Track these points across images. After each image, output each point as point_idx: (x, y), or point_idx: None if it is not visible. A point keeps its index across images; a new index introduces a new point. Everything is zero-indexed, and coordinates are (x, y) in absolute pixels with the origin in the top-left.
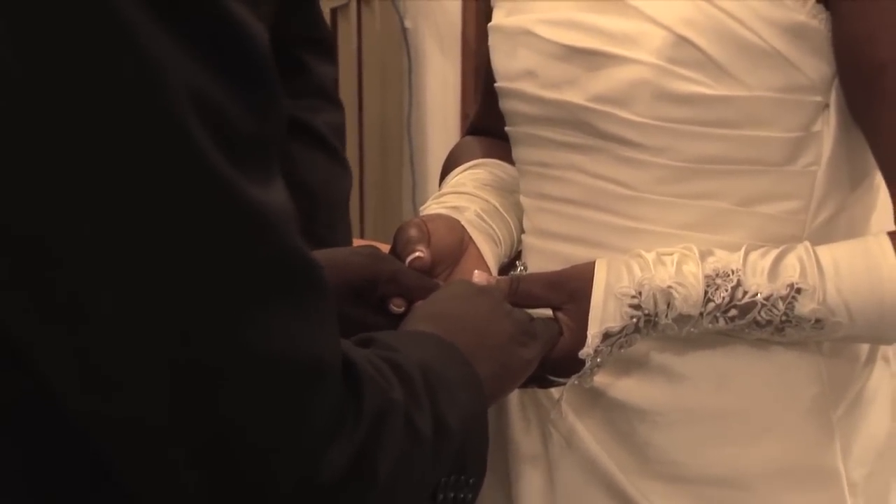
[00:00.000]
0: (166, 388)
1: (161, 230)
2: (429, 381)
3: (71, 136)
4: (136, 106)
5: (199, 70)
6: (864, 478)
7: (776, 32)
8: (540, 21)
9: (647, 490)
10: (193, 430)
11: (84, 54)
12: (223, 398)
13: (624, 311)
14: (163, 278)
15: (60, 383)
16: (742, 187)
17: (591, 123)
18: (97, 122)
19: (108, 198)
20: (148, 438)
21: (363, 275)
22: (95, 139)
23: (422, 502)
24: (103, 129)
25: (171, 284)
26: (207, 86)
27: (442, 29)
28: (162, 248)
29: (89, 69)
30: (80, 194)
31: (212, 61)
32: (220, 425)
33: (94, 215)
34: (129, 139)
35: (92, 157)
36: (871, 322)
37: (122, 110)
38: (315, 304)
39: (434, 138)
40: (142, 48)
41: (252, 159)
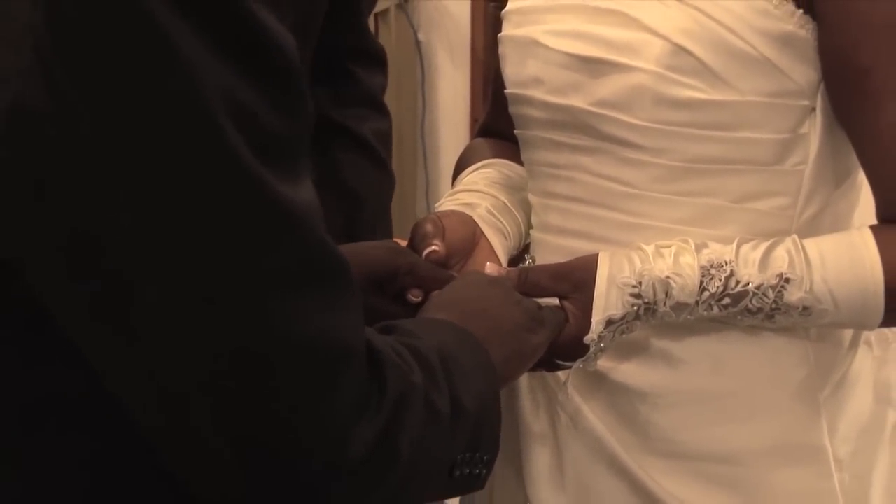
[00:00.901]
0: (207, 372)
1: (195, 224)
2: (446, 365)
3: (114, 138)
4: (173, 107)
5: (232, 75)
6: (848, 454)
7: (766, 41)
8: (547, 32)
9: (649, 466)
10: (232, 410)
11: (127, 63)
12: (259, 381)
13: (625, 300)
14: (199, 271)
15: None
16: (735, 185)
17: (594, 126)
18: (138, 124)
19: (149, 194)
20: (189, 419)
21: (383, 267)
22: (137, 140)
23: (440, 477)
24: (144, 130)
25: (208, 275)
26: (239, 89)
27: (452, 41)
28: (196, 242)
29: (132, 76)
30: (126, 191)
31: (243, 66)
32: (256, 405)
33: (136, 210)
34: (167, 138)
35: (134, 158)
36: (854, 309)
37: (160, 112)
38: (341, 295)
39: (446, 141)
40: (179, 55)
41: (281, 158)
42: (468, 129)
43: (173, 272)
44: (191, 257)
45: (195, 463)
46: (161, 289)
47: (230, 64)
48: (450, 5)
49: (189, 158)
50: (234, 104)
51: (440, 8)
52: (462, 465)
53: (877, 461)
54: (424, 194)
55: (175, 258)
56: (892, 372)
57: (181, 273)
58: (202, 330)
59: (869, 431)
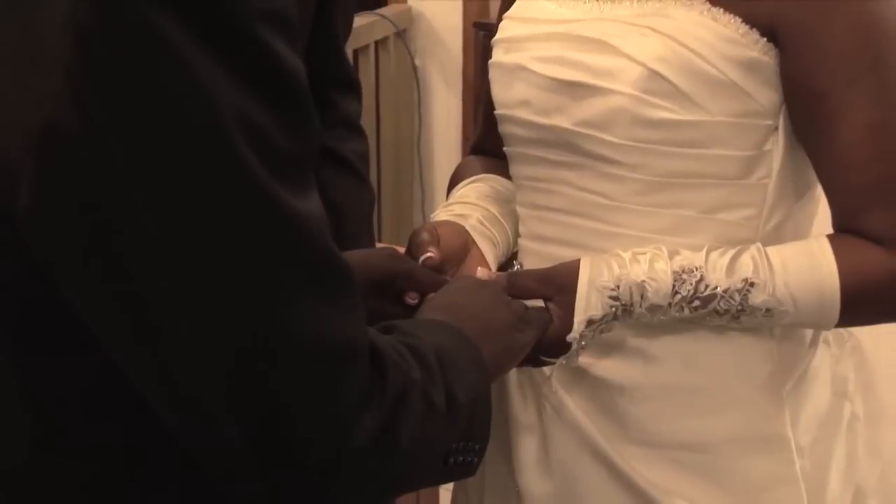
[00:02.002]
0: (223, 368)
1: (212, 233)
2: (441, 362)
3: (139, 156)
4: (192, 128)
5: (246, 97)
6: (809, 443)
7: (733, 67)
8: (533, 58)
9: (627, 454)
10: (246, 403)
11: (150, 88)
12: (271, 377)
13: (604, 302)
14: (215, 276)
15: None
16: (705, 198)
17: (577, 144)
18: (161, 143)
19: (170, 206)
20: (205, 411)
21: (383, 272)
22: (159, 158)
23: (435, 465)
24: (165, 148)
25: (224, 280)
26: (253, 111)
27: (446, 67)
28: (213, 249)
29: (155, 100)
30: (149, 203)
31: (257, 90)
32: (268, 398)
33: (158, 220)
34: (186, 156)
35: (156, 173)
36: (813, 311)
37: (180, 132)
38: (346, 297)
39: (440, 157)
40: (199, 80)
41: (290, 173)
42: (460, 147)
43: (192, 275)
44: (208, 263)
45: (210, 450)
46: (180, 291)
47: (245, 88)
48: (443, 34)
49: (206, 173)
50: (248, 124)
51: (435, 37)
52: (456, 454)
53: (834, 449)
54: (420, 206)
55: (193, 263)
56: (847, 368)
57: (199, 276)
58: (219, 329)
59: (827, 422)
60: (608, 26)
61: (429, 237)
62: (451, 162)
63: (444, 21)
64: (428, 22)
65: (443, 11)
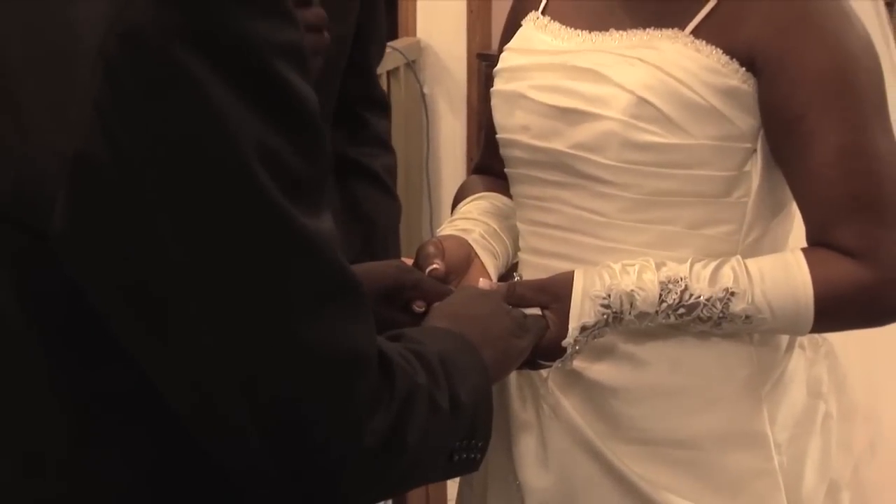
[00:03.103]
0: (243, 377)
1: (232, 251)
2: (445, 367)
3: (163, 181)
4: (212, 154)
5: (263, 125)
6: (786, 440)
7: (715, 94)
8: (532, 87)
9: (619, 451)
10: (264, 408)
11: (174, 118)
12: (288, 384)
13: (597, 310)
14: (236, 292)
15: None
16: (689, 215)
17: (572, 166)
18: (184, 169)
19: (192, 226)
20: (226, 415)
21: (392, 283)
22: (182, 182)
23: (441, 461)
24: (188, 173)
25: (243, 294)
26: (269, 137)
27: (452, 94)
28: (233, 265)
29: (179, 130)
30: (172, 223)
31: (273, 119)
32: (285, 403)
33: (181, 239)
34: (207, 179)
35: (179, 196)
36: (788, 318)
37: (201, 158)
38: (355, 308)
39: (446, 176)
40: (219, 111)
41: (304, 194)
42: (465, 167)
43: (213, 291)
44: (228, 279)
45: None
46: (202, 306)
47: (262, 117)
48: (449, 65)
49: (226, 197)
50: (265, 150)
51: (441, 67)
52: (460, 451)
53: (809, 445)
54: (428, 221)
55: (214, 279)
56: (821, 370)
57: (220, 292)
58: (239, 341)
59: (803, 421)
60: (600, 57)
61: (434, 250)
62: (457, 181)
63: (449, 52)
64: (435, 53)
65: (449, 44)
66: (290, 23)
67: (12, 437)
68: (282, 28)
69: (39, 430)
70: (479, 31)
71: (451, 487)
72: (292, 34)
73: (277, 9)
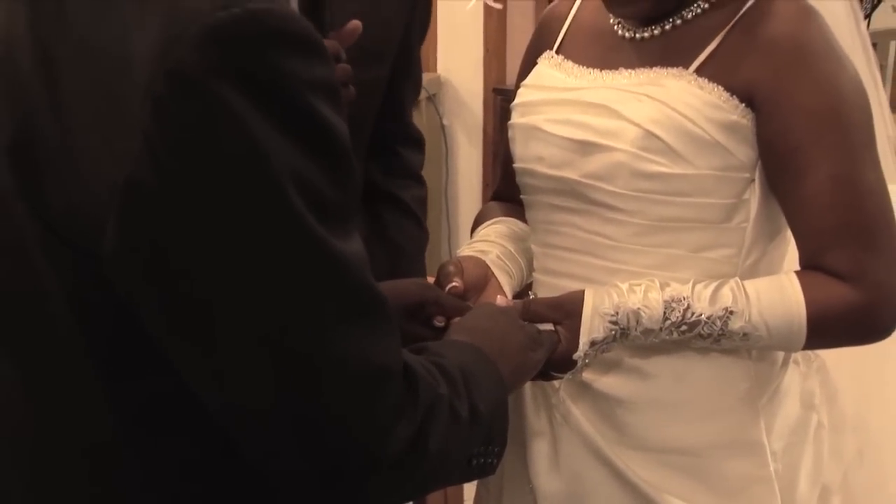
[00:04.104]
0: (280, 386)
1: (270, 271)
2: (465, 378)
3: (206, 205)
4: (251, 180)
5: (297, 155)
6: (781, 448)
7: (716, 128)
8: (547, 120)
9: (626, 457)
10: (299, 415)
11: (217, 148)
12: (321, 393)
13: (605, 326)
14: (272, 309)
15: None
16: (692, 239)
17: (584, 194)
18: (226, 195)
19: (234, 247)
20: (264, 423)
21: (415, 299)
22: (224, 206)
23: (460, 466)
24: (229, 199)
25: (279, 311)
26: (302, 165)
27: (469, 126)
28: (270, 284)
29: (221, 159)
30: (215, 245)
31: (307, 149)
32: (318, 412)
33: (224, 258)
34: (247, 204)
35: (221, 219)
36: (783, 335)
37: (242, 184)
38: (382, 324)
39: (464, 202)
40: (257, 141)
41: (335, 219)
42: (481, 193)
43: (251, 308)
44: (264, 295)
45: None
46: (241, 322)
47: (296, 147)
48: (467, 98)
49: (264, 221)
50: (299, 178)
51: (460, 100)
52: (478, 457)
53: (803, 454)
54: (447, 242)
55: (251, 295)
56: (814, 383)
57: (256, 306)
58: (276, 353)
59: (797, 431)
60: (610, 93)
61: (454, 269)
62: (473, 205)
63: (467, 87)
64: (454, 88)
65: (467, 79)
66: (324, 60)
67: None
68: (315, 65)
69: (87, 432)
70: (494, 68)
71: (468, 489)
72: (325, 71)
73: (312, 48)
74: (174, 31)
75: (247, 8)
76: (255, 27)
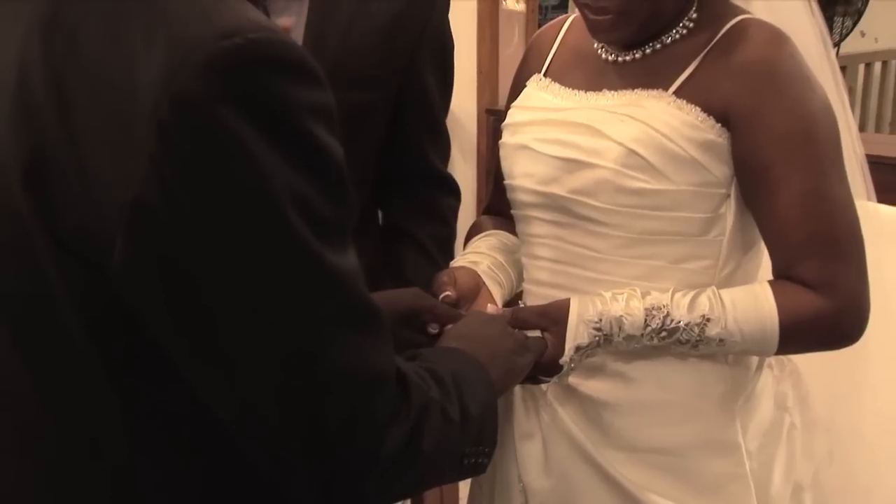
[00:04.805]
0: (281, 392)
1: (269, 286)
2: (457, 382)
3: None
4: (252, 200)
5: (296, 175)
6: (756, 448)
7: (694, 146)
8: (535, 139)
9: (610, 457)
10: (300, 419)
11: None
12: (320, 398)
13: (590, 332)
14: (273, 320)
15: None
16: (672, 251)
17: (570, 208)
18: (228, 213)
19: (235, 264)
20: (268, 426)
21: (411, 307)
22: (226, 225)
23: (452, 465)
24: (231, 217)
25: (280, 324)
26: (301, 185)
27: (464, 145)
28: (273, 298)
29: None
30: (218, 261)
31: (304, 169)
32: (317, 415)
33: (226, 274)
34: (247, 222)
35: (224, 237)
36: (756, 341)
37: (242, 204)
38: (377, 333)
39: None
40: (257, 162)
41: (332, 234)
42: (475, 208)
43: (253, 319)
44: (265, 306)
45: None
46: (244, 332)
47: (294, 167)
48: (462, 119)
49: (265, 238)
50: (298, 197)
51: (455, 121)
52: (469, 456)
53: (777, 453)
54: None
55: (253, 306)
56: (787, 386)
57: (260, 317)
58: (277, 361)
59: (771, 431)
60: (594, 114)
61: (447, 279)
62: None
63: (462, 109)
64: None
65: (461, 101)
66: (319, 86)
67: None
68: (312, 91)
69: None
70: (487, 91)
71: (462, 488)
72: (321, 96)
73: (308, 74)
74: (178, 60)
75: (248, 38)
76: (255, 56)
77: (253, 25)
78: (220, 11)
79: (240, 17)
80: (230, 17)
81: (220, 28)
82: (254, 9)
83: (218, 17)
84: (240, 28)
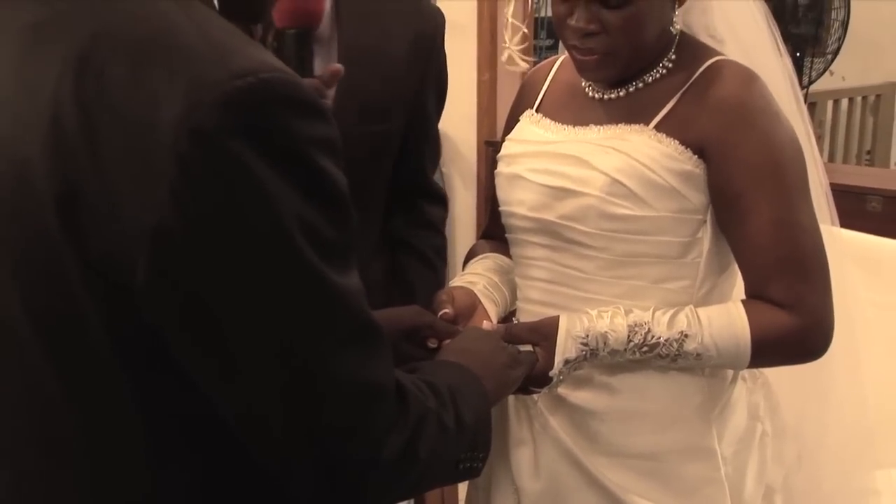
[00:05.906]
0: (287, 403)
1: (277, 304)
2: (452, 393)
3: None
4: (262, 226)
5: (302, 202)
6: (731, 454)
7: (673, 176)
8: (527, 169)
9: (596, 462)
10: (304, 428)
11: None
12: (323, 408)
13: (577, 347)
14: (280, 335)
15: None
16: (653, 272)
17: (559, 233)
18: (240, 237)
19: (247, 283)
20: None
21: (411, 324)
22: (238, 247)
23: (448, 470)
24: (243, 240)
25: (287, 339)
26: (307, 212)
27: (464, 174)
28: (279, 314)
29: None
30: (231, 280)
31: (310, 197)
32: (320, 424)
33: (238, 292)
34: (258, 246)
35: (236, 258)
36: (730, 356)
37: (253, 229)
38: (377, 348)
39: (459, 240)
40: (267, 191)
41: (335, 257)
42: (475, 232)
43: (261, 332)
44: (275, 323)
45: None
46: (253, 347)
47: (302, 196)
48: (463, 149)
49: (271, 257)
50: (304, 222)
51: (456, 151)
52: (464, 461)
53: (750, 458)
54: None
55: (265, 322)
56: (759, 397)
57: (269, 332)
58: (284, 375)
59: (744, 438)
60: (581, 146)
61: (446, 298)
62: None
63: (463, 139)
64: (451, 140)
65: (462, 132)
66: (325, 120)
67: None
68: (318, 125)
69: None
70: (486, 123)
71: (462, 489)
72: (327, 130)
73: (314, 110)
74: (196, 98)
75: (259, 77)
76: (266, 94)
77: (265, 66)
78: (235, 55)
79: (254, 59)
80: (244, 60)
81: (234, 69)
82: (267, 52)
83: (232, 60)
84: (253, 69)
